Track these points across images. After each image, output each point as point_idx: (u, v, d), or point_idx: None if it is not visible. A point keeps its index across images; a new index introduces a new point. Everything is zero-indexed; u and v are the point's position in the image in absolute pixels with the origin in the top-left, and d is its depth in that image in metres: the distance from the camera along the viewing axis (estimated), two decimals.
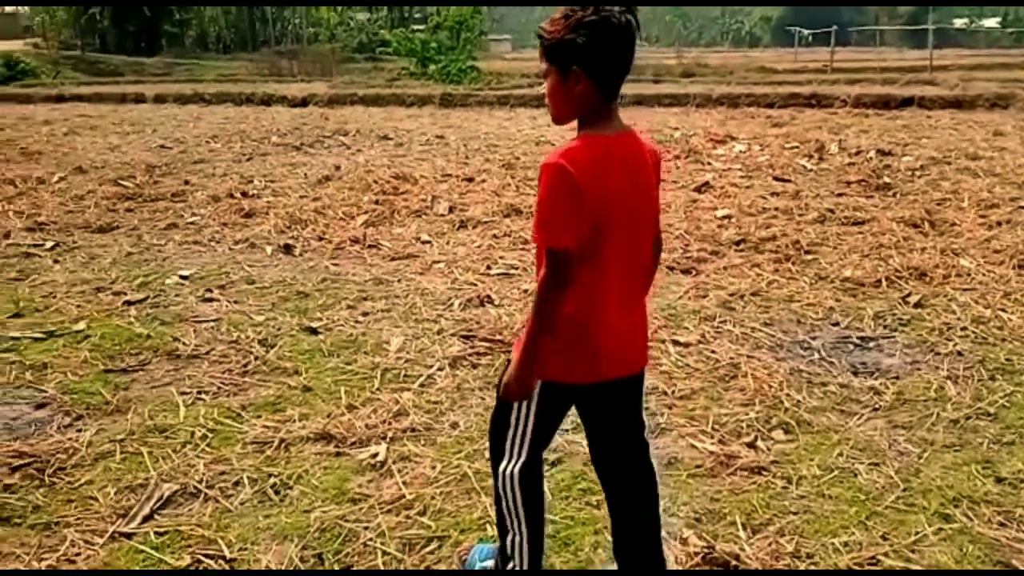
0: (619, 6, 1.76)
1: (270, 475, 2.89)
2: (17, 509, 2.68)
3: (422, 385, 3.64)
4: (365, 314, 4.57)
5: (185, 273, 5.28)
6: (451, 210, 6.92)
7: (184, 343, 4.09)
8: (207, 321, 4.46)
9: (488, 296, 4.78)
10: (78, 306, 4.68)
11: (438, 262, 5.55)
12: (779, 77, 20.53)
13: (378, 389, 3.59)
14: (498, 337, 4.13)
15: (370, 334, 4.26)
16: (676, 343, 4.03)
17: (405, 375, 3.74)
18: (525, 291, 4.92)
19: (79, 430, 3.24)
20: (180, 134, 12.19)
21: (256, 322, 4.42)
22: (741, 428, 3.18)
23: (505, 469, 2.06)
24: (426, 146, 10.84)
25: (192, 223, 6.62)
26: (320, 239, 6.08)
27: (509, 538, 2.13)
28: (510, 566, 2.16)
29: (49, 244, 5.98)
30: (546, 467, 2.62)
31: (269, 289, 4.99)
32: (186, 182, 8.20)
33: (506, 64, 32.03)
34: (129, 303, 4.75)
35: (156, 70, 35.98)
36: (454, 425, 3.27)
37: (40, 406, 3.45)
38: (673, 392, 3.51)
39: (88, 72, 33.60)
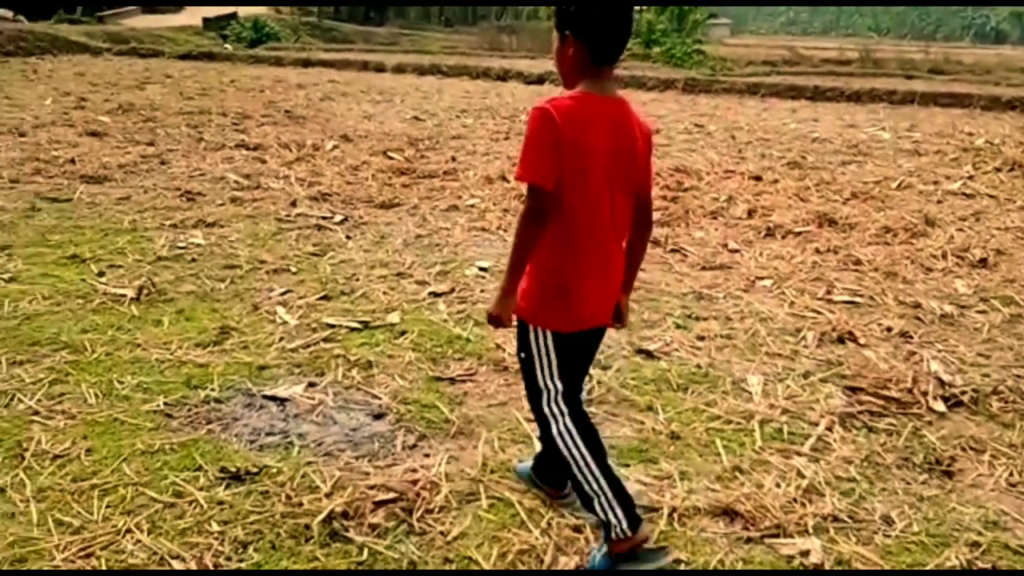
0: None
1: (676, 561, 2.29)
2: (391, 562, 2.25)
3: (815, 450, 2.93)
4: (701, 338, 3.91)
5: (484, 265, 4.86)
6: (751, 214, 6.13)
7: (509, 353, 3.62)
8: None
9: (849, 332, 3.97)
10: (384, 293, 4.36)
11: (761, 278, 4.80)
12: None
13: (761, 448, 2.92)
14: (887, 392, 3.34)
15: (718, 367, 3.60)
16: None
17: (789, 432, 3.05)
18: (888, 329, 4.08)
19: (426, 454, 2.82)
20: (428, 106, 12.10)
21: None
22: None
23: (560, 430, 2.15)
24: (687, 135, 10.03)
25: (472, 206, 6.25)
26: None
27: (596, 504, 2.13)
28: (613, 532, 2.11)
29: (338, 218, 5.79)
30: None
31: None
32: (452, 159, 7.91)
33: (729, 50, 30.45)
34: (435, 295, 4.37)
35: (383, 40, 37.34)
36: (886, 520, 2.53)
37: (378, 416, 3.07)
38: None
39: (323, 39, 35.36)
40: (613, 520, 2.10)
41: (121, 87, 12.73)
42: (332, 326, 3.89)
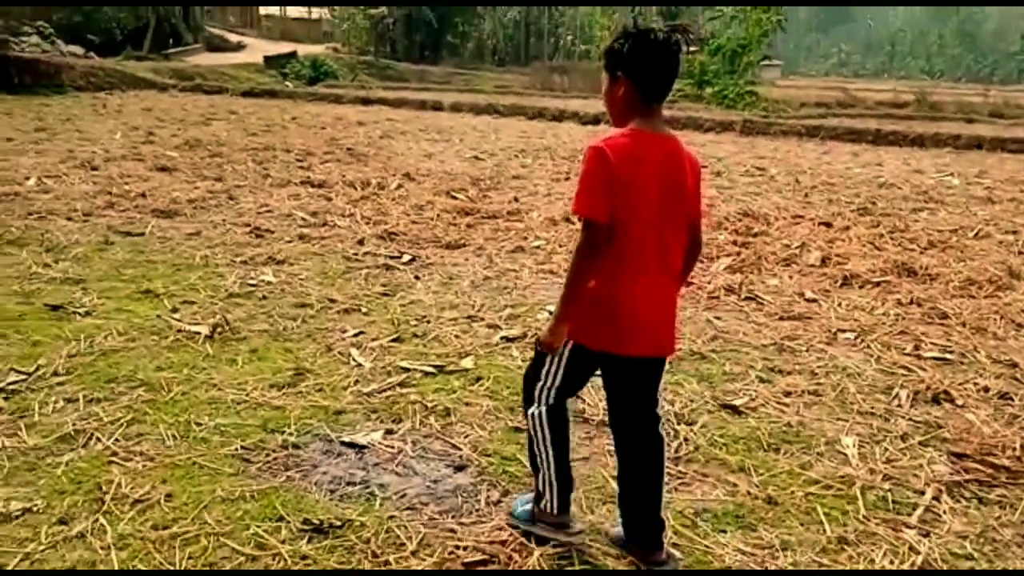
0: (670, 27, 2.15)
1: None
2: None
3: (924, 522, 2.75)
4: (787, 394, 3.75)
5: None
6: (824, 261, 5.95)
7: (588, 404, 3.50)
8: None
9: (944, 392, 3.78)
10: (456, 336, 4.28)
11: (843, 330, 4.62)
12: None
13: (866, 517, 2.75)
14: (996, 460, 3.14)
15: (809, 426, 3.43)
16: None
17: (893, 501, 2.87)
18: (985, 388, 3.87)
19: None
20: (487, 146, 12.14)
21: None
22: None
23: (534, 412, 2.38)
24: (750, 178, 9.89)
25: (538, 247, 6.18)
26: (688, 284, 5.36)
27: (540, 476, 2.42)
28: (543, 503, 2.43)
29: (406, 258, 5.76)
30: None
31: None
32: (514, 199, 7.87)
33: (781, 91, 30.27)
34: (508, 340, 4.28)
35: (438, 79, 37.97)
36: None
37: (459, 468, 2.97)
38: None
39: (379, 77, 36.08)
40: (547, 496, 2.42)
41: (188, 123, 13.04)
42: (407, 370, 3.82)
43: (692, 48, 2.21)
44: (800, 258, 6.02)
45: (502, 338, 4.30)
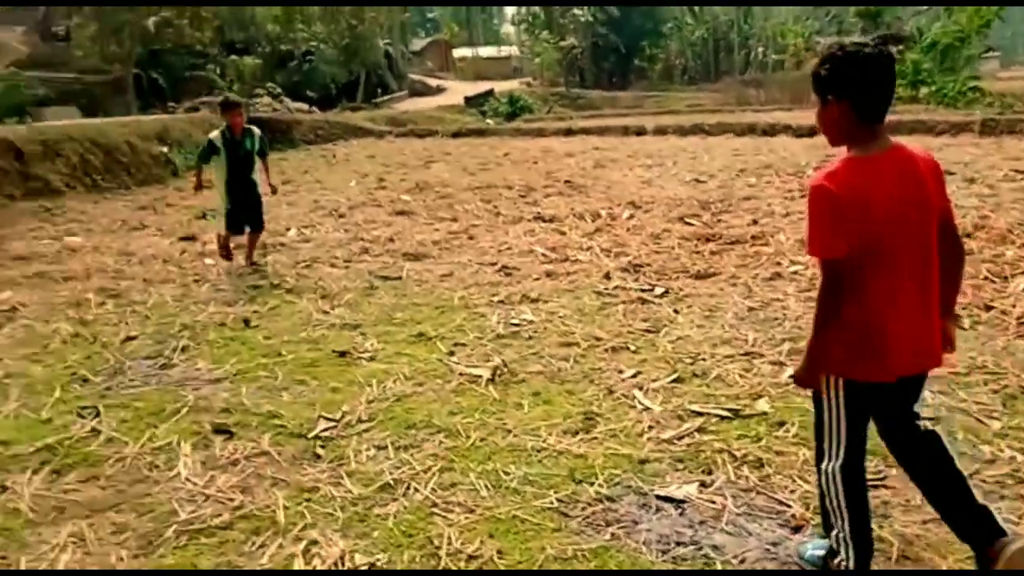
0: (878, 40, 2.12)
1: None
2: None
3: None
4: None
5: None
6: None
7: None
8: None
9: None
10: (740, 375, 4.02)
11: None
12: None
13: None
14: None
15: None
16: None
17: None
18: None
19: None
20: (703, 167, 11.79)
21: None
22: None
23: (826, 467, 2.28)
24: (1011, 183, 8.84)
25: (796, 272, 5.79)
26: (1000, 315, 4.74)
27: (834, 534, 2.30)
28: (837, 560, 2.31)
29: (658, 290, 5.58)
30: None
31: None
32: (754, 222, 7.50)
33: (1004, 84, 27.46)
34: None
35: (628, 103, 37.96)
36: None
37: (795, 529, 2.71)
38: None
39: (571, 107, 36.62)
40: (842, 554, 2.28)
41: (410, 166, 13.72)
42: (699, 414, 3.61)
43: (899, 47, 1.92)
44: None
45: (790, 377, 3.99)
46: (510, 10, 67.97)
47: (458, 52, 58.71)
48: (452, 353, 4.52)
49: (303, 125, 19.98)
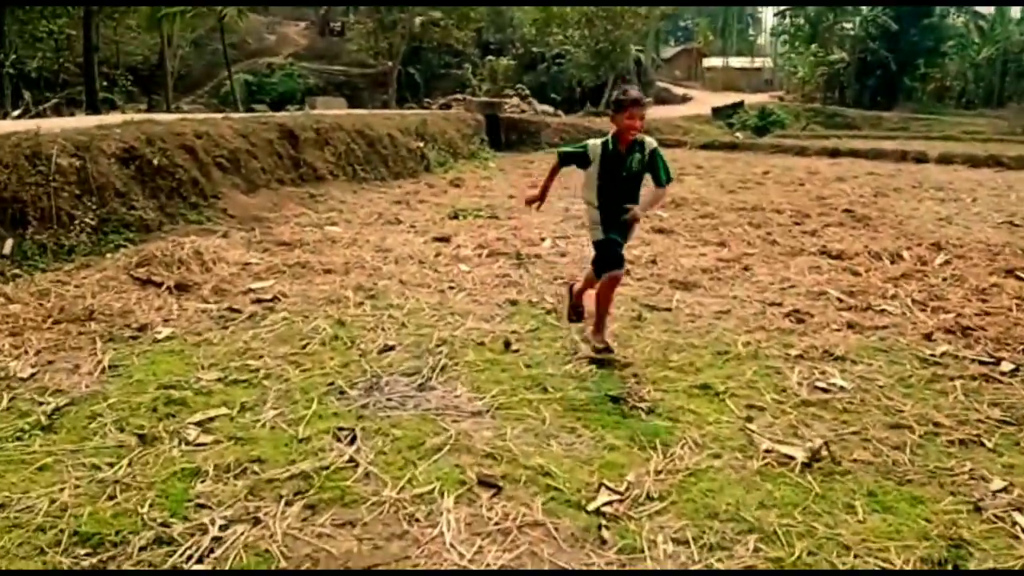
0: None
1: None
2: None
3: None
4: None
5: None
6: None
7: None
8: None
9: None
10: None
11: None
12: None
13: None
14: None
15: None
16: None
17: None
18: None
19: None
20: (1011, 207, 10.03)
21: None
22: None
23: None
24: None
25: None
26: None
27: None
28: None
29: (1006, 366, 4.44)
30: None
31: None
32: None
33: None
34: None
35: (892, 125, 34.62)
36: None
37: None
38: None
39: (826, 125, 34.03)
40: None
41: None
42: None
43: None
44: None
45: None
46: (769, 21, 65.10)
47: (708, 61, 56.94)
48: (751, 419, 3.74)
49: (549, 128, 19.86)
